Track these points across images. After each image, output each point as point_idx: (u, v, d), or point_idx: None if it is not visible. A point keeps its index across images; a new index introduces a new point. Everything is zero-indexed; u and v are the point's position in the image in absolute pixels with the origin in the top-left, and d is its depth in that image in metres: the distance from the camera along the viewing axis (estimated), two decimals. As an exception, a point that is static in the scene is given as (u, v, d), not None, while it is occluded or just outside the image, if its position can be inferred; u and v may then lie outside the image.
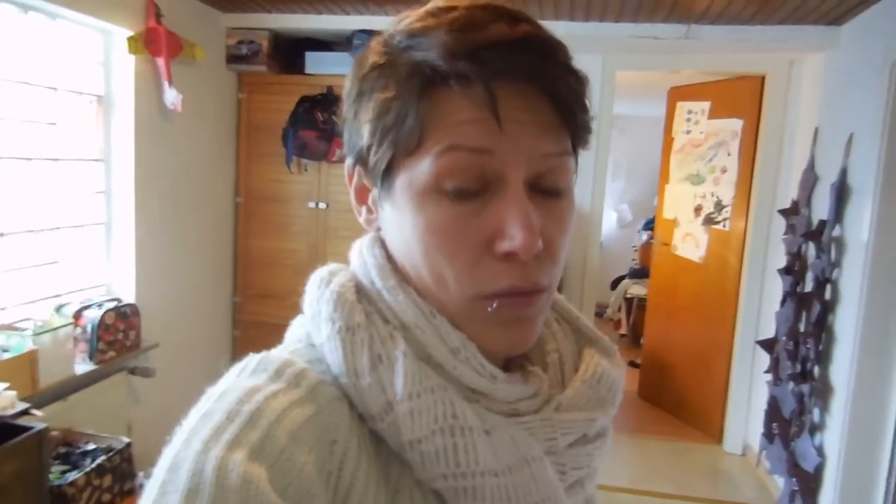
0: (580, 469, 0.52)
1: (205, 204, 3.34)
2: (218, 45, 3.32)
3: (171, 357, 2.99)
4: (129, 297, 2.80)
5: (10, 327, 2.22)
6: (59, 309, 2.48)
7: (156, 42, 2.75)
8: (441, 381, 0.47)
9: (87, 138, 2.68)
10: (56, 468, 2.05)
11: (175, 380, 3.00)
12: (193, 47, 2.97)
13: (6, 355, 2.10)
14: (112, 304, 2.59)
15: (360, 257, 0.54)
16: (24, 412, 1.87)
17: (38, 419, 1.91)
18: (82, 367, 2.46)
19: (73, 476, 2.00)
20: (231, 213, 3.57)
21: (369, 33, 3.16)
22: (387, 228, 0.53)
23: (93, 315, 2.52)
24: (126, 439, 2.29)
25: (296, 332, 0.55)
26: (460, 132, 0.46)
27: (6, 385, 1.87)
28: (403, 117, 0.47)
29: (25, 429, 1.84)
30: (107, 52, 2.72)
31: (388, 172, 0.49)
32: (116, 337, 2.59)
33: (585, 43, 3.17)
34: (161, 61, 2.79)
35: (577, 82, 0.48)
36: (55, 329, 2.29)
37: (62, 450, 2.20)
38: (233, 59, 3.36)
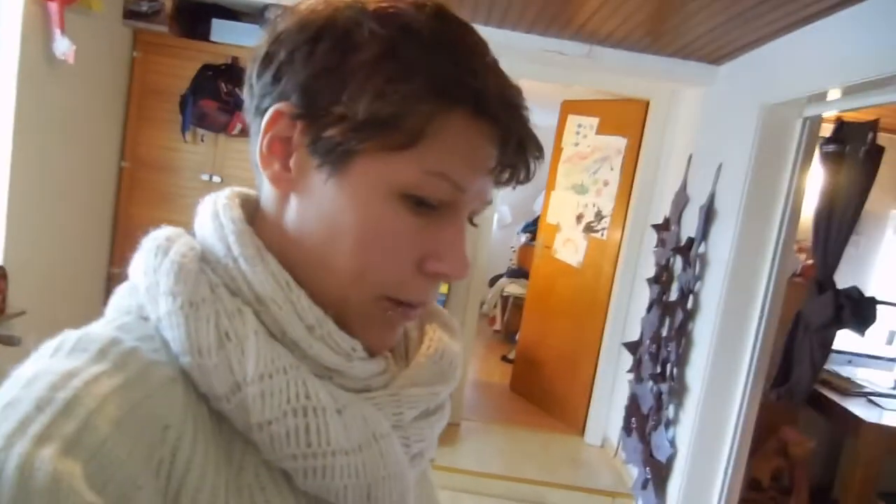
0: (422, 441, 0.54)
1: (86, 165, 3.10)
2: (115, -3, 3.10)
3: (38, 326, 2.77)
4: (-6, 258, 2.56)
5: None
6: (-87, 266, 2.24)
7: (50, -15, 2.53)
8: (293, 360, 0.46)
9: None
10: None
11: (41, 351, 2.78)
12: (90, -4, 2.76)
13: None
14: (-22, 265, 2.37)
15: (215, 220, 0.51)
16: None
17: None
18: (-61, 331, 2.24)
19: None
20: (114, 178, 3.35)
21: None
22: (308, 198, 0.49)
23: (-46, 275, 2.29)
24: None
25: (122, 302, 0.50)
26: (456, 168, 0.47)
27: None
28: (412, 116, 0.45)
29: None
30: (-10, -11, 2.47)
31: (352, 151, 0.47)
32: (-20, 301, 2.37)
33: (494, 47, 3.29)
34: (54, 7, 2.57)
35: (540, 161, 0.53)
36: (-88, 288, 2.06)
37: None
38: (130, 14, 3.15)
